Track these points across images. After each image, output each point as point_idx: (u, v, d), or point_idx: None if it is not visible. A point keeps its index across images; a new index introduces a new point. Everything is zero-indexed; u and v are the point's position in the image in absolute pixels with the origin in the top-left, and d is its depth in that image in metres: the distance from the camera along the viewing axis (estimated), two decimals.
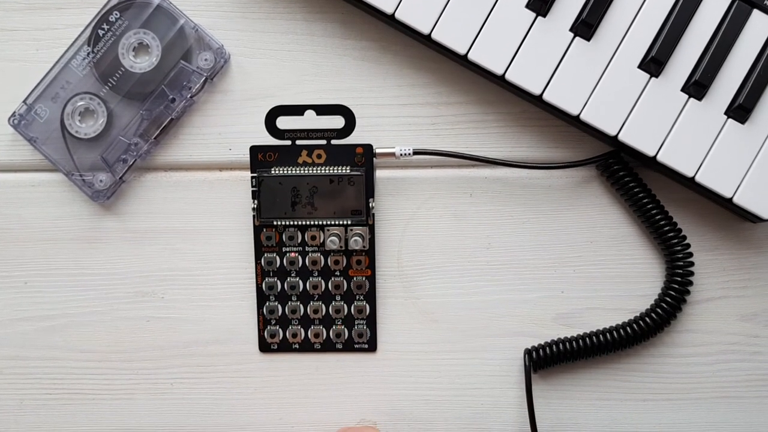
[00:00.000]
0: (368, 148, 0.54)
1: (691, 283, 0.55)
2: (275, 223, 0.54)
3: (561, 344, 0.55)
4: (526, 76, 0.52)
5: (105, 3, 0.55)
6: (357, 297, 0.56)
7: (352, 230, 0.54)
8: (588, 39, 0.52)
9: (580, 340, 0.55)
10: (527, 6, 0.52)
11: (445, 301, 0.56)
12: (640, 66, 0.52)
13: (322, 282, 0.56)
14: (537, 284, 0.56)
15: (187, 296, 0.57)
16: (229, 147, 0.56)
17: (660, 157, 0.52)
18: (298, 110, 0.54)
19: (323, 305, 0.56)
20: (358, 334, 0.56)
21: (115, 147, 0.55)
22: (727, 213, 0.56)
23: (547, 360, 0.55)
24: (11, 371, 0.57)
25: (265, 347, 0.57)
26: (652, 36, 0.52)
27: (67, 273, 0.57)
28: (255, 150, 0.54)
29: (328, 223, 0.54)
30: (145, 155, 0.55)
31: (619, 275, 0.56)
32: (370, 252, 0.55)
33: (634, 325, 0.55)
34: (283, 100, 0.56)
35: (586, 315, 0.56)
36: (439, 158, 0.56)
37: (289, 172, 0.54)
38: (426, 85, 0.56)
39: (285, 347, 0.56)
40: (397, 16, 0.52)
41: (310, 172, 0.54)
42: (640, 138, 0.52)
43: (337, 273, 0.56)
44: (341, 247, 0.55)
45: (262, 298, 0.56)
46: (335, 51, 0.56)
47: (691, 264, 0.55)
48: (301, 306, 0.56)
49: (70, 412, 0.57)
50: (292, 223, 0.54)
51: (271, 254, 0.55)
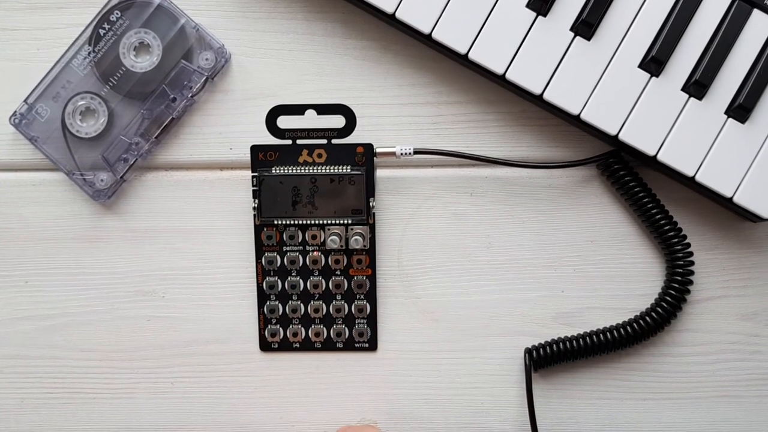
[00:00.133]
0: (369, 148, 0.54)
1: (691, 282, 0.55)
2: (276, 222, 0.54)
3: (561, 343, 0.55)
4: (527, 76, 0.52)
5: (106, 2, 0.55)
6: (357, 296, 0.56)
7: (352, 229, 0.54)
8: (588, 38, 0.52)
9: (581, 340, 0.55)
10: (528, 5, 0.52)
11: (446, 301, 0.56)
12: (641, 65, 0.52)
13: (323, 281, 0.56)
14: (537, 283, 0.56)
15: (187, 295, 0.57)
16: (229, 146, 0.56)
17: (660, 157, 0.52)
18: (298, 110, 0.54)
19: (324, 304, 0.56)
20: (358, 333, 0.56)
21: (115, 146, 0.55)
22: (728, 212, 0.56)
23: (548, 359, 0.55)
24: (12, 370, 0.57)
25: (265, 346, 0.57)
26: (652, 35, 0.52)
27: (67, 272, 0.57)
28: (256, 149, 0.54)
29: (329, 222, 0.54)
30: (145, 154, 0.56)
31: (620, 274, 0.56)
32: (370, 251, 0.55)
33: (634, 325, 0.55)
34: (284, 99, 0.56)
35: (586, 314, 0.56)
36: (440, 158, 0.56)
37: (290, 171, 0.54)
38: (426, 85, 0.56)
39: (285, 346, 0.57)
40: (398, 15, 0.52)
41: (311, 171, 0.54)
42: (640, 137, 0.52)
43: (338, 272, 0.56)
44: (342, 246, 0.55)
45: (262, 297, 0.56)
46: (336, 50, 0.56)
47: (692, 263, 0.55)
48: (302, 305, 0.56)
49: (71, 411, 0.57)
50: (292, 222, 0.54)
51: (271, 253, 0.55)
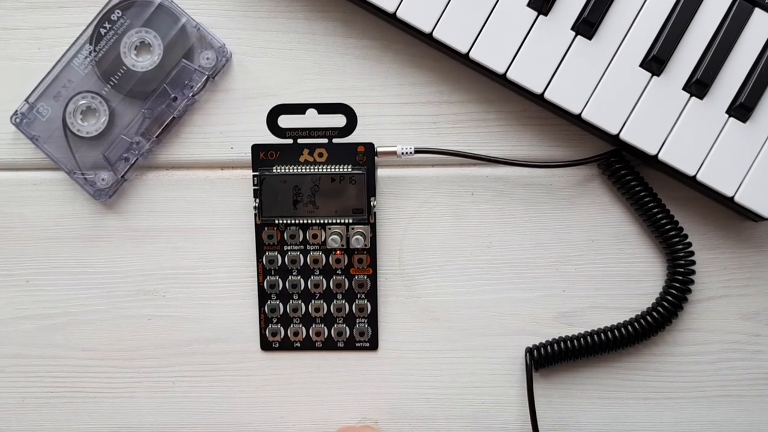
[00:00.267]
0: (370, 147, 0.54)
1: (692, 281, 0.55)
2: (277, 221, 0.54)
3: (562, 343, 0.55)
4: (528, 75, 0.52)
5: (107, 2, 0.55)
6: (358, 295, 0.56)
7: (353, 229, 0.54)
8: (589, 38, 0.52)
9: (582, 339, 0.55)
10: (529, 5, 0.52)
11: (447, 300, 0.56)
12: (642, 65, 0.52)
13: (324, 281, 0.56)
14: (538, 283, 0.56)
15: (188, 295, 0.57)
16: (230, 145, 0.56)
17: (661, 156, 0.52)
18: (299, 109, 0.54)
19: (324, 304, 0.56)
20: (359, 332, 0.56)
21: (116, 146, 0.55)
22: (729, 212, 0.56)
23: (549, 359, 0.55)
24: (13, 369, 0.57)
25: (266, 346, 0.57)
26: (653, 35, 0.52)
27: (68, 271, 0.57)
28: (257, 148, 0.54)
29: (330, 221, 0.54)
30: (146, 154, 0.56)
31: (621, 274, 0.56)
32: (371, 251, 0.55)
33: (636, 324, 0.55)
34: (285, 98, 0.56)
35: (587, 314, 0.56)
36: (441, 157, 0.56)
37: (291, 170, 0.54)
38: (427, 84, 0.56)
39: (286, 346, 0.57)
40: (399, 14, 0.52)
41: (312, 170, 0.54)
42: (641, 137, 0.52)
43: (339, 272, 0.56)
44: (342, 245, 0.55)
45: (263, 296, 0.56)
46: (337, 50, 0.56)
47: (693, 263, 0.55)
48: (303, 304, 0.56)
49: (72, 411, 0.57)
50: (293, 221, 0.54)
51: (272, 253, 0.55)
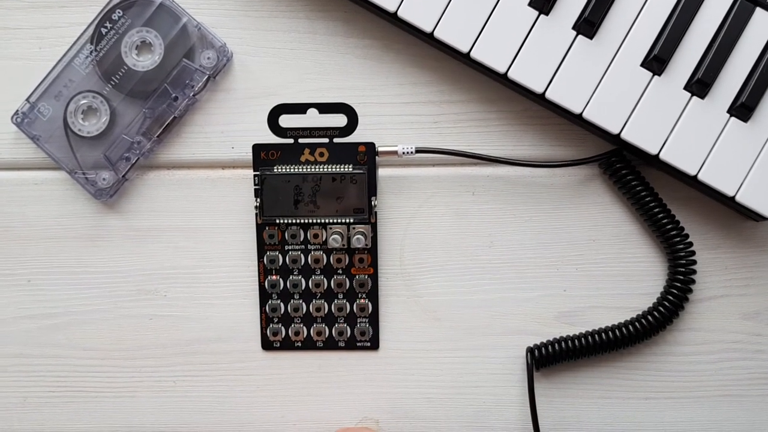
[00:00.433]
0: (370, 147, 0.54)
1: (693, 281, 0.55)
2: (278, 221, 0.54)
3: (563, 342, 0.55)
4: (529, 75, 0.52)
5: (108, 1, 0.55)
6: (359, 295, 0.56)
7: (354, 228, 0.54)
8: (590, 37, 0.52)
9: (583, 339, 0.55)
10: (530, 4, 0.52)
11: (448, 300, 0.56)
12: (643, 64, 0.52)
13: (325, 280, 0.56)
14: (539, 282, 0.56)
15: (189, 294, 0.57)
16: (231, 145, 0.56)
17: (662, 156, 0.52)
18: (300, 108, 0.54)
19: (325, 303, 0.56)
20: (360, 332, 0.56)
21: (118, 145, 0.55)
22: (730, 211, 0.56)
23: (550, 358, 0.55)
24: (15, 369, 0.57)
25: (267, 345, 0.57)
26: (654, 34, 0.52)
27: (70, 271, 0.57)
28: (257, 148, 0.54)
29: (331, 221, 0.54)
30: (147, 153, 0.56)
31: (622, 273, 0.56)
32: (372, 250, 0.55)
33: (637, 324, 0.55)
34: (286, 98, 0.56)
35: (588, 313, 0.56)
36: (442, 156, 0.56)
37: (292, 170, 0.54)
38: (428, 84, 0.56)
39: (287, 345, 0.57)
40: (400, 14, 0.52)
41: (313, 170, 0.54)
42: (642, 136, 0.52)
43: (340, 271, 0.56)
44: (343, 245, 0.55)
45: (264, 296, 0.56)
46: (338, 49, 0.56)
47: (694, 262, 0.55)
48: (304, 304, 0.56)
49: (73, 410, 0.57)
50: (294, 221, 0.54)
51: (273, 252, 0.55)
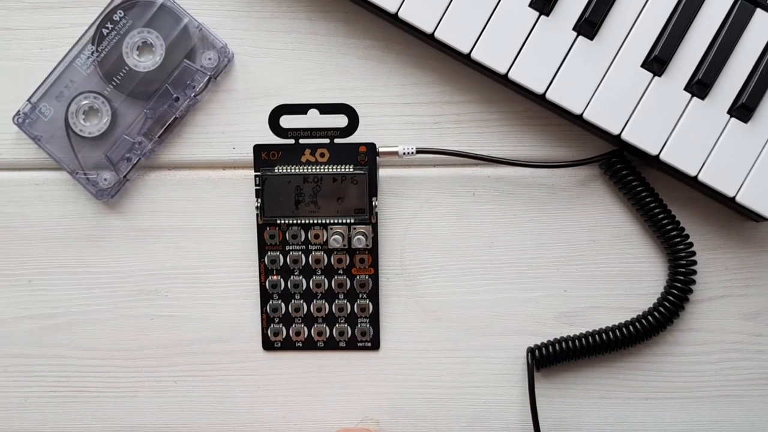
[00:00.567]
0: (371, 147, 0.54)
1: (693, 281, 0.55)
2: (278, 221, 0.55)
3: (564, 343, 0.55)
4: (529, 75, 0.52)
5: (109, 2, 0.55)
6: (360, 295, 0.56)
7: (355, 229, 0.54)
8: (591, 38, 0.52)
9: (583, 339, 0.55)
10: (530, 5, 0.52)
11: (448, 300, 0.56)
12: (643, 65, 0.52)
13: (326, 280, 0.56)
14: (540, 283, 0.56)
15: (190, 294, 0.57)
16: (232, 146, 0.56)
17: (663, 156, 0.52)
18: (301, 109, 0.54)
19: (326, 303, 0.56)
20: (361, 332, 0.56)
21: (119, 146, 0.55)
22: (730, 212, 0.56)
23: (550, 358, 0.55)
24: (16, 369, 0.57)
25: (268, 345, 0.57)
26: (655, 35, 0.52)
27: (71, 271, 0.57)
28: (258, 149, 0.54)
29: (332, 221, 0.54)
30: (149, 154, 0.56)
31: (622, 274, 0.56)
32: (373, 250, 0.55)
33: (637, 324, 0.55)
34: (287, 99, 0.56)
35: (588, 313, 0.56)
36: (442, 157, 0.56)
37: (293, 170, 0.54)
38: (429, 84, 0.56)
39: (288, 345, 0.57)
40: (401, 15, 0.52)
41: (314, 170, 0.54)
42: (643, 137, 0.52)
43: (340, 271, 0.56)
44: (344, 245, 0.55)
45: (265, 296, 0.56)
46: (339, 50, 0.56)
47: (694, 263, 0.55)
48: (305, 304, 0.56)
49: (74, 410, 0.57)
50: (295, 221, 0.55)
51: (274, 253, 0.55)
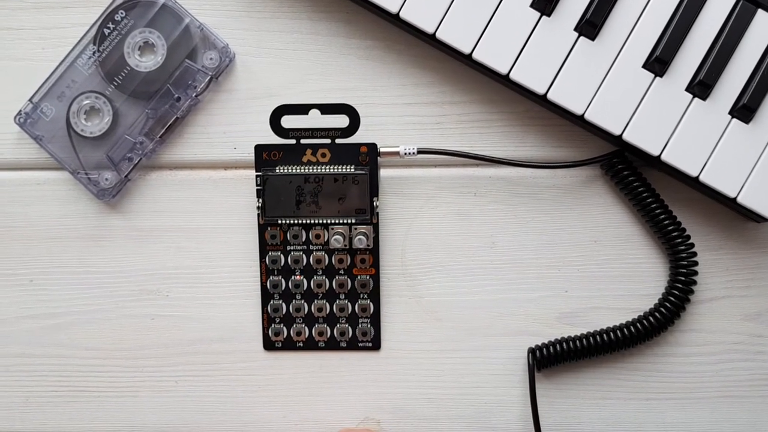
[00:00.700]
0: (372, 147, 0.54)
1: (694, 282, 0.55)
2: (280, 221, 0.55)
3: (565, 343, 0.55)
4: (531, 76, 0.52)
5: (110, 2, 0.55)
6: (361, 295, 0.56)
7: (356, 229, 0.55)
8: (592, 38, 0.52)
9: (584, 339, 0.55)
10: (532, 5, 0.52)
11: (449, 300, 0.56)
12: (645, 66, 0.52)
13: (327, 280, 0.56)
14: (541, 283, 0.56)
15: (191, 294, 0.57)
16: (233, 146, 0.56)
17: (664, 157, 0.52)
18: (302, 109, 0.54)
19: (327, 304, 0.56)
20: (362, 332, 0.56)
21: (120, 145, 0.55)
22: (731, 213, 0.56)
23: (551, 359, 0.55)
24: (17, 368, 0.57)
25: (269, 345, 0.57)
26: (656, 36, 0.52)
27: (72, 271, 0.57)
28: (260, 149, 0.54)
29: (333, 221, 0.54)
30: (150, 154, 0.56)
31: (623, 274, 0.56)
32: (374, 251, 0.55)
33: (638, 325, 0.55)
34: (288, 99, 0.56)
35: (589, 314, 0.56)
36: (443, 157, 0.56)
37: (294, 170, 0.54)
38: (430, 85, 0.56)
39: (289, 345, 0.57)
40: (402, 15, 0.52)
41: (315, 171, 0.54)
42: (644, 137, 0.52)
43: (341, 272, 0.56)
44: (345, 245, 0.55)
45: (266, 296, 0.56)
46: (340, 50, 0.56)
47: (695, 263, 0.55)
48: (306, 304, 0.56)
49: (75, 409, 0.57)
50: (296, 221, 0.55)
51: (275, 253, 0.55)
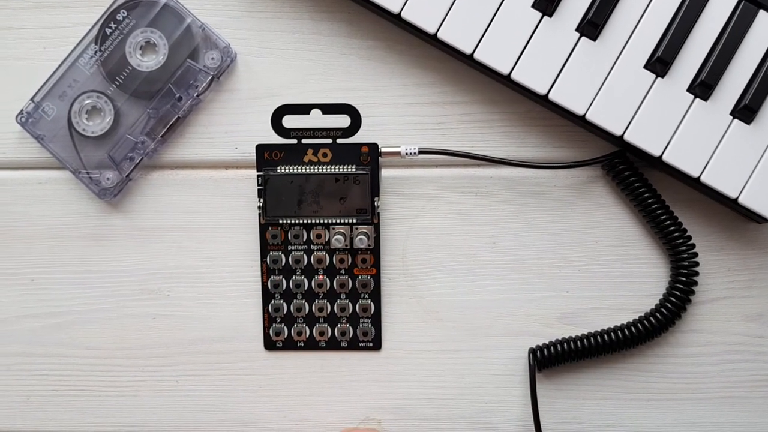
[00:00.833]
0: (374, 147, 0.54)
1: (695, 283, 0.55)
2: (281, 221, 0.55)
3: (565, 344, 0.55)
4: (532, 76, 0.52)
5: (112, 2, 0.55)
6: (362, 295, 0.56)
7: (357, 229, 0.55)
8: (594, 39, 0.52)
9: (585, 340, 0.55)
10: (533, 6, 0.52)
11: (450, 300, 0.56)
12: (646, 66, 0.52)
13: (327, 280, 0.56)
14: (542, 284, 0.56)
15: (192, 294, 0.57)
16: (235, 145, 0.56)
17: (665, 157, 0.52)
18: (304, 109, 0.54)
19: (328, 304, 0.56)
20: (362, 332, 0.56)
21: (122, 145, 0.55)
22: (733, 213, 0.56)
23: (552, 359, 0.55)
24: (18, 368, 0.57)
25: (270, 345, 0.57)
26: (658, 36, 0.52)
27: (73, 270, 0.57)
28: (261, 148, 0.54)
29: (334, 221, 0.54)
30: (151, 153, 0.56)
31: (624, 275, 0.56)
32: (375, 251, 0.55)
33: (639, 325, 0.55)
34: (289, 99, 0.56)
35: (590, 315, 0.56)
36: (445, 157, 0.56)
37: (295, 170, 0.54)
38: (431, 85, 0.56)
39: (290, 345, 0.57)
40: (404, 15, 0.52)
41: (316, 170, 0.54)
42: (645, 138, 0.52)
43: (342, 271, 0.56)
44: (346, 245, 0.55)
45: (267, 296, 0.56)
46: (341, 50, 0.56)
47: (696, 264, 0.55)
48: (306, 304, 0.56)
49: (76, 409, 0.57)
50: (297, 221, 0.55)
51: (276, 252, 0.55)
